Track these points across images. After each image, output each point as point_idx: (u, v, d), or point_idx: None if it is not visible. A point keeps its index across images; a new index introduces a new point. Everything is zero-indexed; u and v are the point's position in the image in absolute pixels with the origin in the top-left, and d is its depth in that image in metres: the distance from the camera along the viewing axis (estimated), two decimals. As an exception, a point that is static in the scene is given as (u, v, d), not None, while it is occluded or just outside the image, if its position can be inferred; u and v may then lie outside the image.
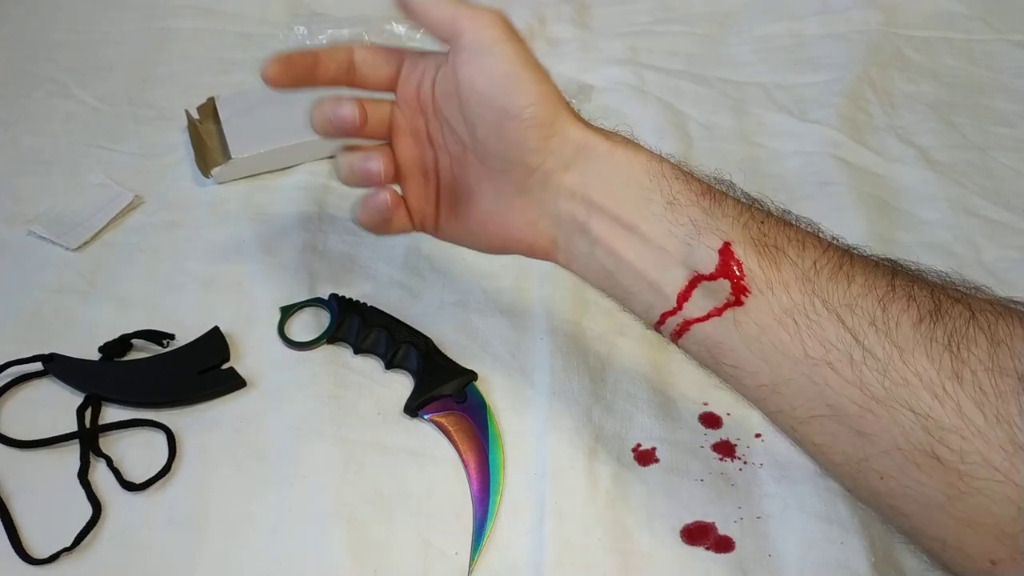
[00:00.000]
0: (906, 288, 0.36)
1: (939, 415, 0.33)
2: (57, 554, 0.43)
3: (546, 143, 0.41)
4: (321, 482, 0.46)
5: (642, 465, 0.47)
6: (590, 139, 0.42)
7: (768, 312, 0.37)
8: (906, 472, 0.35)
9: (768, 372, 0.38)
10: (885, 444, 0.35)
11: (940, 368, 0.34)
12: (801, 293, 0.37)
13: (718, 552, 0.43)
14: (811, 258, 0.38)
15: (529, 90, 0.41)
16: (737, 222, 0.39)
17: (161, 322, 0.53)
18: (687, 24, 0.82)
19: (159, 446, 0.47)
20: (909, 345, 0.35)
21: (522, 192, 0.43)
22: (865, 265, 0.38)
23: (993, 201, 0.63)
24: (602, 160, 0.41)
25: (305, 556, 0.43)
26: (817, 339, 0.36)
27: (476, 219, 0.45)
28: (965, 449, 0.33)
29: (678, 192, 0.40)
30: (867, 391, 0.35)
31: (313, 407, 0.49)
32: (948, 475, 0.33)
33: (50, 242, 0.59)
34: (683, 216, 0.39)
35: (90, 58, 0.77)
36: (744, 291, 0.38)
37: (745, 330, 0.38)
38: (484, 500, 0.45)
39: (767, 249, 0.38)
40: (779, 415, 0.39)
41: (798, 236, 0.39)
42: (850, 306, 0.36)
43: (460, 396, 0.49)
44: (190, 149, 0.67)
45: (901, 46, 0.78)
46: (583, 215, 0.41)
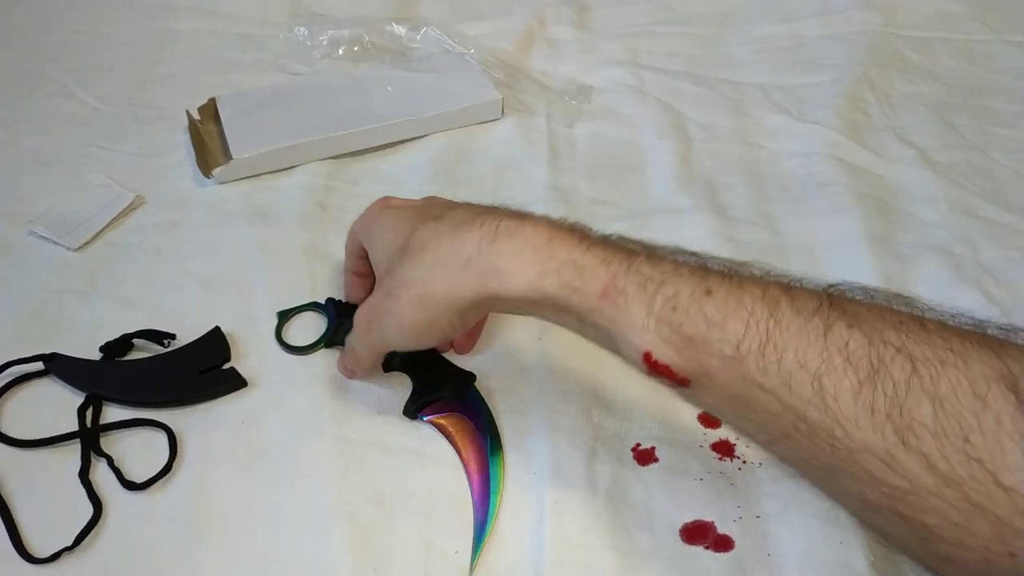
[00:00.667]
0: (841, 346, 0.35)
1: (894, 481, 0.35)
2: (58, 553, 0.43)
3: (466, 325, 0.44)
4: (322, 482, 0.46)
5: (641, 465, 0.47)
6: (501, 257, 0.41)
7: (714, 393, 0.38)
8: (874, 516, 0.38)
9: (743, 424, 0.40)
10: (854, 503, 0.38)
11: (884, 438, 0.34)
12: (735, 377, 0.37)
13: (717, 551, 0.43)
14: (734, 339, 0.37)
15: (437, 327, 0.43)
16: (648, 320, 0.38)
17: (162, 322, 0.54)
18: (686, 25, 0.82)
19: (160, 446, 0.48)
20: (852, 416, 0.35)
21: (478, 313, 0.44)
22: (793, 323, 0.36)
23: (992, 201, 0.63)
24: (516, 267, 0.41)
25: (306, 555, 0.43)
26: (768, 413, 0.37)
27: None
28: (925, 507, 0.34)
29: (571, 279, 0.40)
30: (826, 457, 0.36)
31: (314, 407, 0.49)
32: (916, 529, 0.35)
33: (51, 242, 0.59)
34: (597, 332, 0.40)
35: (91, 58, 0.77)
36: (686, 382, 0.38)
37: (707, 398, 0.39)
38: (485, 501, 0.45)
39: (686, 345, 0.37)
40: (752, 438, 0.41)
41: (719, 309, 0.37)
42: (786, 384, 0.36)
43: (460, 397, 0.49)
44: (191, 149, 0.67)
45: (900, 47, 0.78)
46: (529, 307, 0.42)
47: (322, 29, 0.78)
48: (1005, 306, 0.55)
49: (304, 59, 0.77)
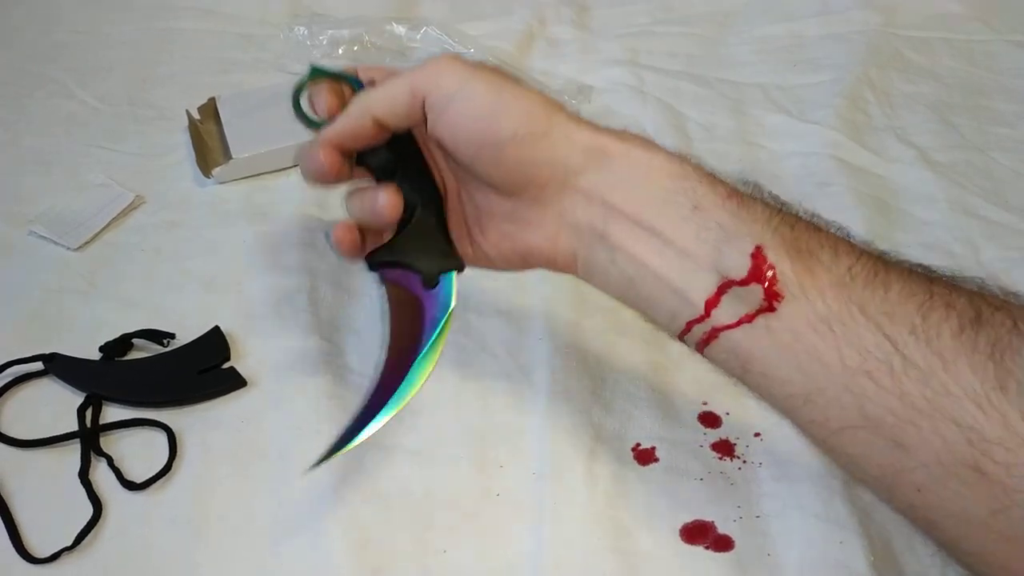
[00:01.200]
0: (944, 296, 0.35)
1: (984, 427, 0.32)
2: (58, 553, 0.43)
3: (550, 153, 0.40)
4: (321, 481, 0.46)
5: (641, 464, 0.47)
6: (600, 140, 0.40)
7: (803, 319, 0.36)
8: (946, 485, 0.33)
9: (801, 381, 0.36)
10: (924, 456, 0.34)
11: (984, 379, 0.33)
12: (837, 299, 0.35)
13: (717, 551, 0.43)
14: (845, 264, 0.36)
15: (510, 114, 0.40)
16: (768, 226, 0.37)
17: (162, 322, 0.54)
18: (686, 25, 0.82)
19: (160, 445, 0.48)
20: (951, 355, 0.33)
21: (537, 206, 0.41)
22: (901, 272, 0.36)
23: (993, 201, 0.63)
24: (617, 161, 0.40)
25: (305, 555, 0.43)
26: (855, 347, 0.35)
27: (493, 240, 0.44)
28: (1011, 462, 0.32)
29: (703, 195, 0.38)
30: (907, 402, 0.34)
31: (313, 406, 0.49)
32: (992, 488, 0.32)
33: (51, 242, 0.59)
34: (710, 220, 0.38)
35: (91, 58, 0.77)
36: (777, 296, 0.36)
37: (778, 337, 0.36)
38: (385, 394, 0.41)
39: (800, 254, 0.37)
40: (811, 426, 0.37)
41: (830, 241, 0.37)
42: (888, 314, 0.35)
43: (431, 281, 0.43)
44: (191, 149, 0.67)
45: (900, 47, 0.78)
46: (600, 221, 0.40)
47: (322, 29, 0.78)
48: (1005, 306, 0.55)
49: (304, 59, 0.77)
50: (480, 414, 0.49)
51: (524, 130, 0.40)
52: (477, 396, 0.50)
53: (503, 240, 0.43)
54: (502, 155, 0.40)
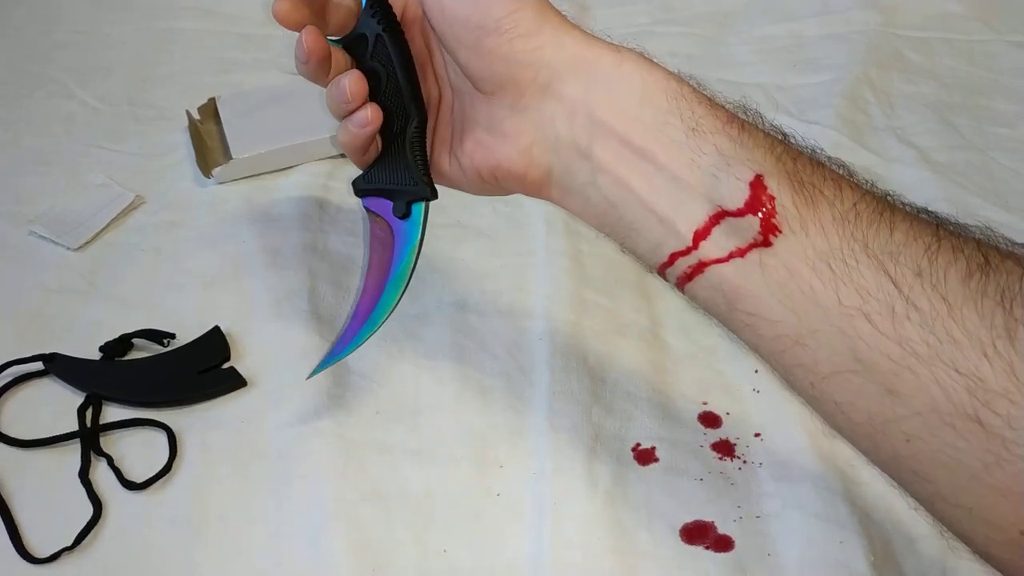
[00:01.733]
0: (952, 240, 0.33)
1: (988, 376, 0.30)
2: (58, 553, 0.43)
3: (535, 54, 0.37)
4: (321, 481, 0.46)
5: (641, 464, 0.47)
6: (591, 49, 0.37)
7: (800, 255, 0.34)
8: (939, 436, 0.32)
9: (793, 322, 0.34)
10: (920, 405, 0.32)
11: (992, 326, 0.31)
12: (839, 236, 0.33)
13: (717, 551, 0.43)
14: (850, 200, 0.34)
15: (500, 2, 0.38)
16: (770, 154, 0.35)
17: (162, 322, 0.54)
18: (687, 25, 0.82)
19: (160, 445, 0.48)
20: (958, 300, 0.31)
21: (515, 113, 0.39)
22: (906, 214, 0.34)
23: (993, 201, 0.63)
24: (608, 74, 0.37)
25: (304, 555, 0.43)
26: (854, 287, 0.33)
27: (467, 150, 0.41)
28: (1013, 414, 0.30)
29: (701, 117, 0.36)
30: (907, 347, 0.32)
31: (313, 406, 0.49)
32: (990, 441, 0.31)
33: (51, 242, 0.59)
34: (707, 144, 0.35)
35: (91, 58, 0.77)
36: (774, 230, 0.34)
37: (771, 274, 0.34)
38: (355, 327, 0.43)
39: (802, 186, 0.34)
40: (797, 369, 0.35)
41: (834, 176, 0.35)
42: (893, 254, 0.33)
43: (402, 210, 0.43)
44: (191, 149, 0.67)
45: (900, 47, 0.78)
46: (585, 138, 0.37)
47: (322, 29, 0.78)
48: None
49: (304, 59, 0.77)
50: (480, 414, 0.49)
51: (508, 23, 0.37)
52: (477, 396, 0.50)
53: (477, 150, 0.41)
54: (483, 44, 0.38)
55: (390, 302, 0.43)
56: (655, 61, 0.38)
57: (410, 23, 0.43)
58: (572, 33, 0.38)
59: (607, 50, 0.38)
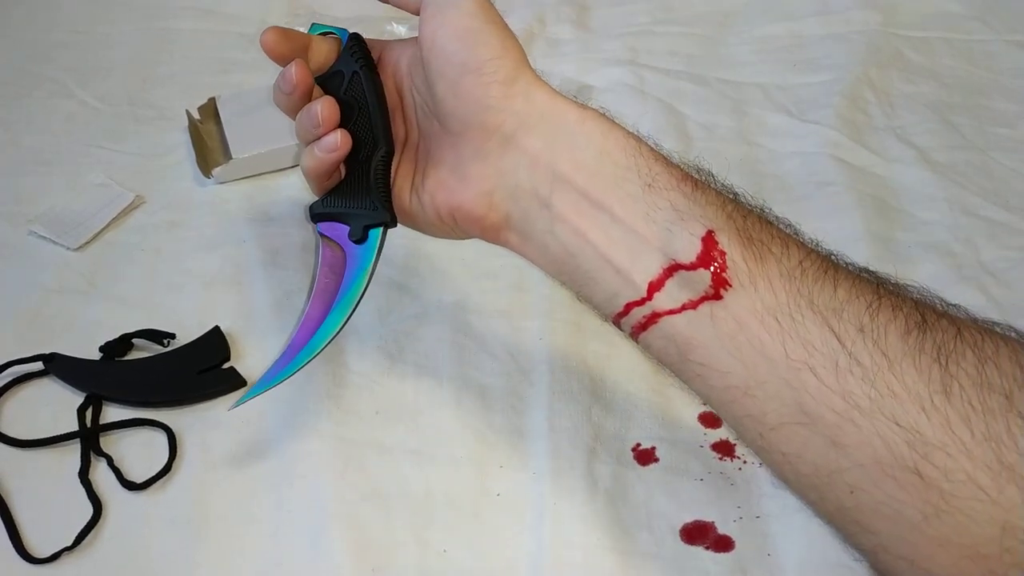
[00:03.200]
0: (891, 299, 0.35)
1: (926, 430, 0.32)
2: (58, 553, 0.43)
3: (507, 102, 0.39)
4: (320, 481, 0.46)
5: (641, 464, 0.47)
6: (558, 104, 0.39)
7: (749, 308, 0.35)
8: (881, 487, 0.33)
9: (742, 373, 0.35)
10: (862, 457, 0.33)
11: (929, 381, 0.32)
12: (786, 292, 0.35)
13: (717, 551, 0.43)
14: (796, 257, 0.36)
15: (491, 43, 0.40)
16: (721, 211, 0.37)
17: (162, 322, 0.54)
18: (687, 25, 0.82)
19: (159, 445, 0.48)
20: (897, 355, 0.33)
21: (479, 158, 0.40)
22: (849, 272, 0.36)
23: (993, 201, 0.63)
24: (572, 129, 0.39)
25: (304, 555, 0.43)
26: (800, 341, 0.34)
27: (429, 189, 0.42)
28: (950, 467, 0.32)
29: (657, 174, 0.38)
30: (850, 400, 0.33)
31: (312, 406, 0.49)
32: (928, 493, 0.32)
33: (51, 242, 0.59)
34: (663, 200, 0.37)
35: (91, 58, 0.77)
36: (725, 284, 0.35)
37: (721, 326, 0.35)
38: (293, 351, 0.42)
39: (751, 242, 0.36)
40: (746, 420, 0.36)
41: (781, 235, 0.37)
42: (836, 310, 0.34)
43: (358, 234, 0.43)
44: (191, 149, 0.67)
45: (900, 47, 0.78)
46: (546, 188, 0.39)
47: (321, 28, 0.78)
48: (1005, 306, 0.55)
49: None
50: (480, 414, 0.49)
51: (490, 67, 0.39)
52: (477, 396, 0.50)
53: (439, 190, 0.42)
54: (463, 82, 0.40)
55: (334, 326, 0.42)
56: (616, 120, 0.40)
57: (383, 69, 0.45)
58: (542, 88, 0.40)
59: (572, 107, 0.40)
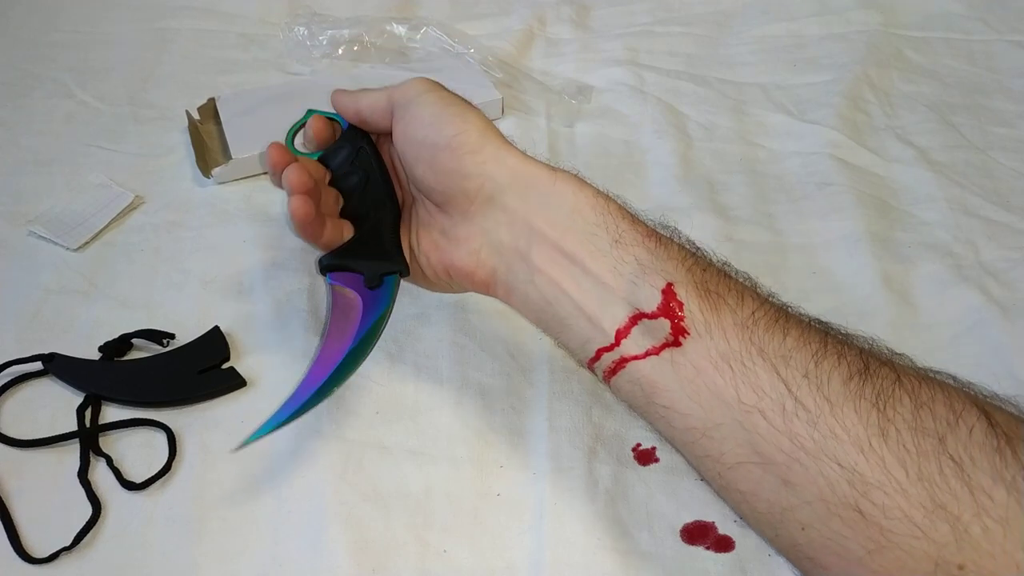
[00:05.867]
0: (837, 347, 0.37)
1: (864, 470, 0.34)
2: (57, 553, 0.43)
3: (481, 168, 0.43)
4: (320, 481, 0.46)
5: (642, 465, 0.47)
6: (529, 167, 0.43)
7: (705, 355, 0.38)
8: (828, 524, 0.35)
9: (700, 415, 0.38)
10: (810, 495, 0.36)
11: (867, 424, 0.35)
12: (739, 340, 0.38)
13: (718, 552, 0.43)
14: (749, 308, 0.39)
15: (453, 122, 0.44)
16: (681, 265, 0.40)
17: (161, 322, 0.54)
18: (687, 25, 0.82)
19: (159, 445, 0.48)
20: (839, 400, 0.36)
21: (466, 221, 0.45)
22: (799, 322, 0.39)
23: (993, 201, 0.63)
24: (543, 190, 0.43)
25: (304, 555, 0.43)
26: (751, 386, 0.37)
27: (424, 250, 0.48)
28: (887, 504, 0.34)
29: (624, 231, 0.41)
30: (796, 441, 0.36)
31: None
32: (869, 529, 0.34)
33: (50, 242, 0.59)
34: (628, 255, 0.41)
35: (90, 58, 0.77)
36: (683, 332, 0.39)
37: (681, 371, 0.39)
38: (303, 392, 0.43)
39: (708, 294, 0.39)
40: (706, 460, 0.39)
41: (737, 287, 0.40)
42: (785, 358, 0.37)
43: (372, 281, 0.46)
44: (190, 149, 0.67)
45: (900, 46, 0.78)
46: (524, 242, 0.43)
47: (322, 29, 0.78)
48: (1005, 306, 0.55)
49: (304, 59, 0.77)
50: (480, 414, 0.49)
51: (456, 141, 0.44)
52: (477, 396, 0.50)
53: (433, 250, 0.47)
54: (437, 159, 0.44)
55: (350, 367, 0.44)
56: (586, 180, 0.43)
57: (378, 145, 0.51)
58: (512, 153, 0.44)
59: (543, 169, 0.44)
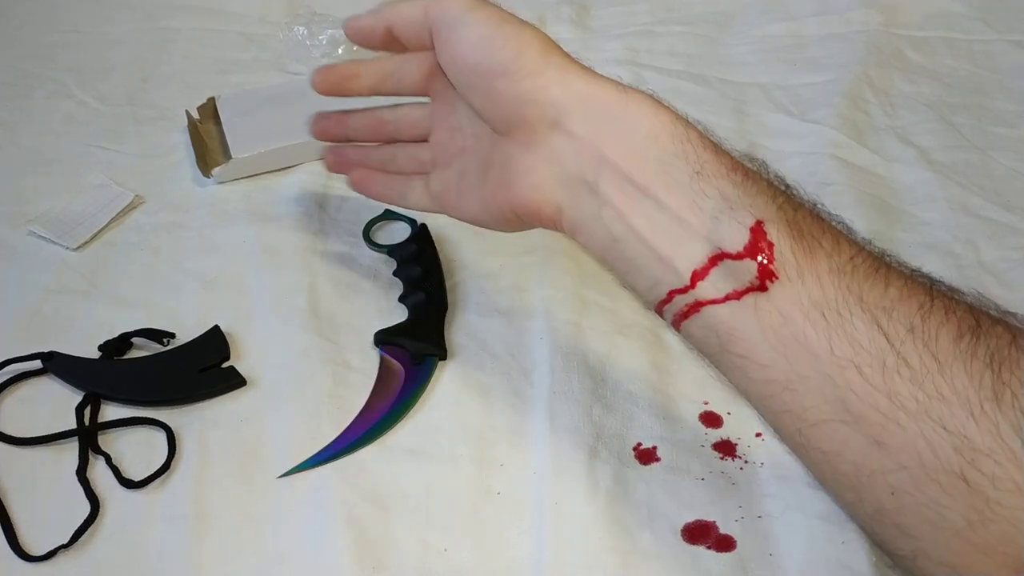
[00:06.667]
0: (944, 301, 0.34)
1: (974, 435, 0.31)
2: (54, 551, 0.42)
3: (543, 93, 0.39)
4: (320, 481, 0.46)
5: (643, 464, 0.47)
6: (598, 87, 0.39)
7: (795, 302, 0.34)
8: (924, 491, 0.32)
9: (783, 367, 0.35)
10: (906, 459, 0.33)
11: (980, 387, 0.32)
12: (835, 287, 0.34)
13: (719, 551, 0.43)
14: (847, 253, 0.35)
15: (508, 45, 0.39)
16: (772, 202, 0.36)
17: (161, 321, 0.53)
18: (687, 25, 0.82)
19: (158, 444, 0.47)
20: (948, 359, 0.32)
21: (528, 151, 0.40)
22: (901, 272, 0.35)
23: (993, 201, 0.63)
24: (615, 113, 0.38)
25: (304, 554, 0.43)
26: (847, 338, 0.34)
27: (488, 191, 0.43)
28: (997, 475, 0.31)
29: (706, 161, 0.37)
30: (896, 400, 0.33)
31: (312, 406, 0.49)
32: (974, 499, 0.31)
33: (50, 242, 0.59)
34: (711, 187, 0.36)
35: (90, 58, 0.77)
36: (772, 276, 0.35)
37: (765, 319, 0.35)
38: (346, 439, 0.47)
39: (802, 235, 0.35)
40: (785, 415, 0.36)
41: (832, 230, 0.36)
42: (887, 309, 0.34)
43: (416, 359, 0.51)
44: (190, 149, 0.67)
45: (901, 46, 0.78)
46: (592, 173, 0.38)
47: (322, 28, 0.78)
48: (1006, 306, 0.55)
49: (304, 59, 0.77)
50: (480, 414, 0.49)
51: (515, 65, 0.39)
52: (477, 396, 0.50)
53: (498, 191, 0.43)
54: (493, 87, 0.40)
55: (388, 425, 0.48)
56: (664, 103, 0.39)
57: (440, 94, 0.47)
58: (578, 72, 0.39)
59: (614, 89, 0.39)
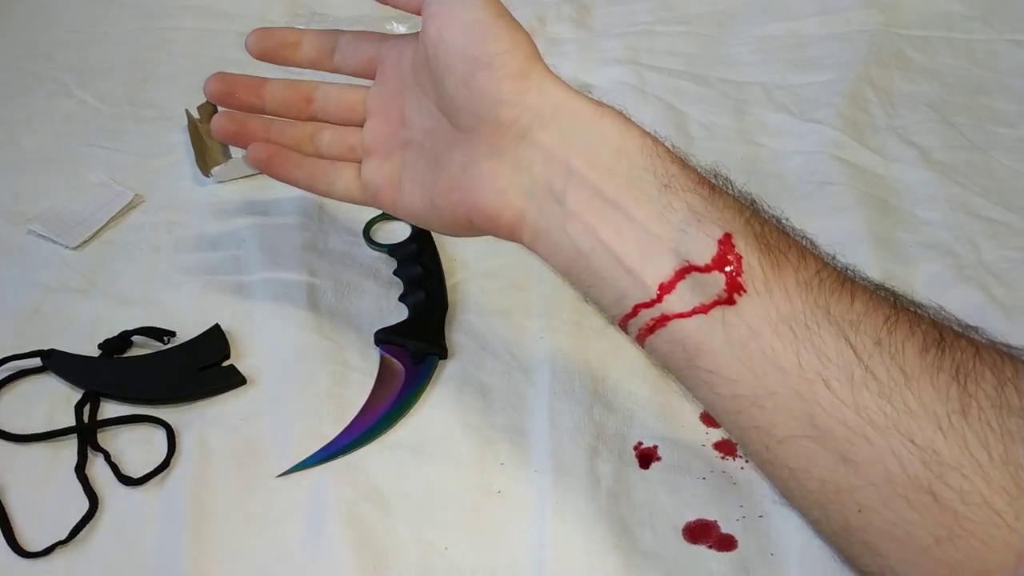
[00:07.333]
0: (909, 315, 0.34)
1: (942, 449, 0.31)
2: (51, 547, 0.42)
3: (521, 96, 0.38)
4: (320, 479, 0.46)
5: (643, 464, 0.47)
6: (573, 100, 0.39)
7: (763, 316, 0.34)
8: (892, 507, 0.32)
9: (751, 382, 0.34)
10: (873, 475, 0.32)
11: (947, 399, 0.31)
12: (803, 301, 0.34)
13: (720, 551, 0.43)
14: (813, 267, 0.35)
15: (501, 37, 0.38)
16: (739, 216, 0.36)
17: (161, 320, 0.53)
18: (687, 24, 0.82)
19: (158, 442, 0.47)
20: (915, 372, 0.32)
21: (493, 154, 0.39)
22: (865, 287, 0.35)
23: (993, 201, 0.63)
24: (588, 125, 0.38)
25: (303, 553, 0.43)
26: (815, 352, 0.33)
27: (441, 189, 0.42)
28: (965, 488, 0.31)
29: (674, 175, 0.37)
30: (864, 415, 0.32)
31: (312, 405, 0.49)
32: (942, 514, 0.31)
33: (50, 241, 0.59)
34: (679, 200, 0.36)
35: (90, 58, 0.77)
36: (739, 289, 0.34)
37: (733, 332, 0.34)
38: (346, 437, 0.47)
39: (768, 249, 0.35)
40: (753, 431, 0.35)
41: (797, 245, 0.36)
42: (854, 322, 0.33)
43: (416, 358, 0.51)
44: (190, 149, 0.67)
45: (901, 46, 0.78)
46: (559, 184, 0.38)
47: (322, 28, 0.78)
48: (1006, 306, 0.55)
49: (304, 58, 0.77)
50: (480, 413, 0.49)
51: (500, 60, 0.38)
52: (477, 395, 0.50)
53: (454, 190, 0.41)
54: (473, 77, 0.39)
55: (387, 424, 0.48)
56: (633, 120, 0.39)
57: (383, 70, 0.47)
58: (556, 83, 0.39)
59: (589, 103, 0.39)
